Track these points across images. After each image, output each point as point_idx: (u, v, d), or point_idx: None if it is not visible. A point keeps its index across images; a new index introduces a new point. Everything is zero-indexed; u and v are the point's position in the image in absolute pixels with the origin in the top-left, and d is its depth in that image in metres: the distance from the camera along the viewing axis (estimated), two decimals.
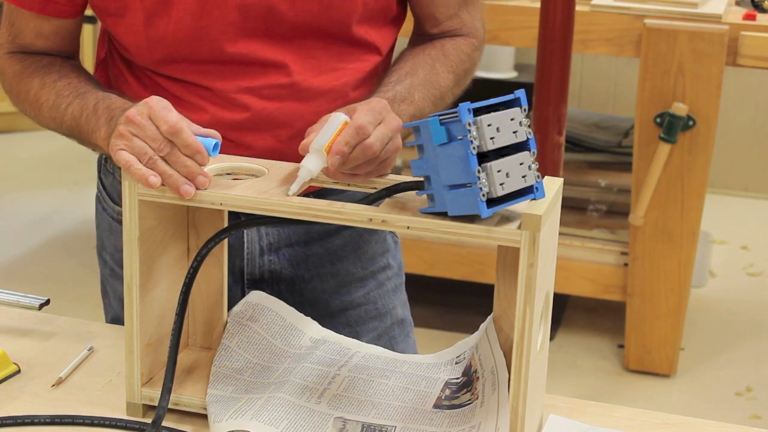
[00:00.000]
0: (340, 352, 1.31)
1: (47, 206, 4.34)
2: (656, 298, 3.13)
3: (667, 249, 3.06)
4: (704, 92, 2.89)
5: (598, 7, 2.94)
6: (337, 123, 1.18)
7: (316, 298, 1.51)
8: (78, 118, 1.35)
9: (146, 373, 1.25)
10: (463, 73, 1.48)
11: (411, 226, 1.11)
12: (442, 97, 1.43)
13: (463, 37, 1.49)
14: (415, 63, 1.43)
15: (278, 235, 1.48)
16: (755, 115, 4.56)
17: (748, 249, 4.11)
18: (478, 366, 1.21)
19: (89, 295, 3.61)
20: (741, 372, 3.25)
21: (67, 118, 1.37)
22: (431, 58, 1.44)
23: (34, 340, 1.40)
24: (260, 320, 1.31)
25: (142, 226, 1.19)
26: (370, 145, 1.17)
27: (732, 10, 2.98)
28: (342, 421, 1.19)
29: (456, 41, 1.48)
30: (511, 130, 1.08)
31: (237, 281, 1.49)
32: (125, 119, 1.19)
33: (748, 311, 3.63)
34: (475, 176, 1.05)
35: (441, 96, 1.43)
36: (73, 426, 1.21)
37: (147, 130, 1.17)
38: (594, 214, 3.43)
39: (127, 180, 1.17)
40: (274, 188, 1.17)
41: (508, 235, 1.08)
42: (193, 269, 1.22)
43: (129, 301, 1.21)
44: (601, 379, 3.18)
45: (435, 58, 1.44)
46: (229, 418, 1.17)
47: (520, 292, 1.09)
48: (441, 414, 1.20)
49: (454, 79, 1.45)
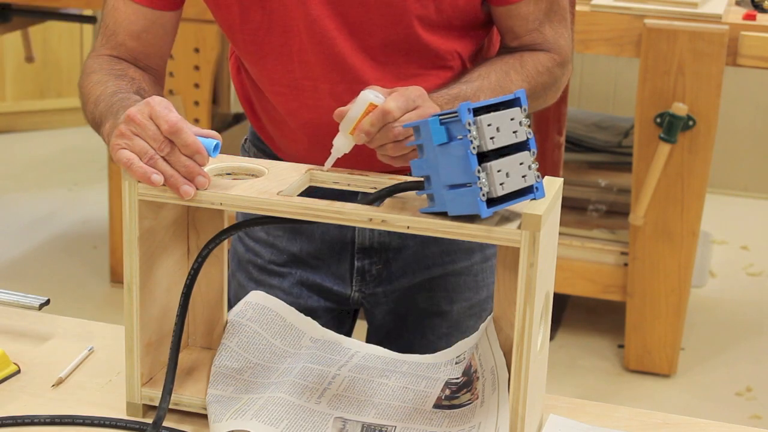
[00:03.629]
0: (340, 352, 1.31)
1: (47, 206, 4.33)
2: (656, 298, 3.13)
3: (667, 249, 3.06)
4: (704, 92, 2.89)
5: (598, 7, 2.93)
6: (362, 104, 1.23)
7: (420, 264, 1.56)
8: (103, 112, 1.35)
9: (146, 373, 1.24)
10: (541, 86, 1.46)
11: (411, 226, 1.11)
12: None
13: (544, 52, 1.47)
14: (489, 68, 1.42)
15: None
16: (755, 115, 4.56)
17: (748, 249, 4.11)
18: (478, 366, 1.21)
19: (89, 295, 3.61)
20: (741, 372, 3.25)
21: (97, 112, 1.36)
22: (507, 65, 1.43)
23: (34, 340, 1.40)
24: (260, 320, 1.31)
25: (142, 226, 1.19)
26: (392, 128, 1.22)
27: (732, 10, 2.98)
28: (342, 421, 1.19)
29: (536, 54, 1.47)
30: (511, 130, 1.08)
31: (347, 249, 1.55)
32: (126, 118, 1.19)
33: (748, 311, 3.63)
34: (475, 176, 1.05)
35: None
36: (73, 426, 1.21)
37: (148, 130, 1.18)
38: (594, 214, 3.43)
39: (127, 180, 1.17)
40: (274, 188, 1.17)
41: (508, 235, 1.08)
42: (194, 270, 1.22)
43: (129, 301, 1.21)
44: (601, 379, 3.18)
45: (510, 66, 1.43)
46: (229, 418, 1.17)
47: (520, 292, 1.09)
48: (441, 414, 1.20)
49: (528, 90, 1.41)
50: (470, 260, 1.59)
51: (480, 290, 1.61)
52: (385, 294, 1.58)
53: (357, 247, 1.55)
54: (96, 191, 4.43)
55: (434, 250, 1.57)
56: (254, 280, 1.60)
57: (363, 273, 1.57)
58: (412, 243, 1.55)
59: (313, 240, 1.56)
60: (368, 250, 1.55)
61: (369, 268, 1.57)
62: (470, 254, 1.58)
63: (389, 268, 1.57)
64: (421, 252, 1.56)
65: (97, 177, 4.58)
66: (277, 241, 1.58)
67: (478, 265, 1.59)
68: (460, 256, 1.58)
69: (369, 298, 1.59)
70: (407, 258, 1.56)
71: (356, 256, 1.56)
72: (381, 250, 1.56)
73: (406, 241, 1.55)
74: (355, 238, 1.55)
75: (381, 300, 1.59)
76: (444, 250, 1.57)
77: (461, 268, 1.58)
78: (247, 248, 1.61)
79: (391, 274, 1.57)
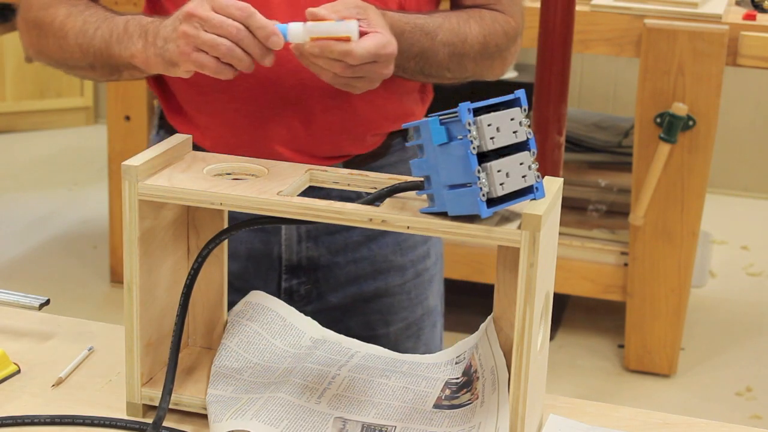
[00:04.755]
0: (340, 352, 1.31)
1: (47, 206, 4.34)
2: (656, 298, 3.13)
3: (667, 249, 3.06)
4: (704, 92, 2.90)
5: (598, 7, 2.94)
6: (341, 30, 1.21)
7: (351, 282, 1.51)
8: (108, 40, 1.33)
9: (146, 373, 1.24)
10: (495, 46, 1.44)
11: (411, 226, 1.11)
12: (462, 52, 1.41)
13: (500, 13, 1.45)
14: (448, 12, 1.41)
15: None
16: (755, 115, 4.56)
17: (748, 249, 4.11)
18: (478, 366, 1.21)
19: (89, 295, 3.61)
20: (741, 372, 3.25)
21: (96, 42, 1.35)
22: (466, 14, 1.42)
23: (34, 340, 1.40)
24: (260, 320, 1.31)
25: (142, 226, 1.19)
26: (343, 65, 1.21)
27: (732, 10, 2.98)
28: (342, 421, 1.19)
29: (494, 13, 1.45)
30: (511, 130, 1.08)
31: (275, 267, 1.49)
32: (185, 16, 1.17)
33: (748, 311, 3.63)
34: (475, 176, 1.05)
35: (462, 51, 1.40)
36: (73, 426, 1.21)
37: (214, 20, 1.16)
38: (594, 214, 3.43)
39: (127, 180, 1.17)
40: (274, 188, 1.17)
41: (508, 235, 1.08)
42: (194, 270, 1.22)
43: (129, 301, 1.21)
44: (601, 379, 3.18)
45: (470, 15, 1.42)
46: (229, 418, 1.17)
47: (520, 292, 1.09)
48: (441, 414, 1.20)
49: (482, 42, 1.42)
50: (403, 277, 1.54)
51: (415, 308, 1.55)
52: (315, 314, 1.49)
53: (284, 266, 1.50)
54: (96, 191, 4.43)
55: (366, 268, 1.52)
56: None
57: (291, 293, 1.52)
58: (342, 261, 1.51)
59: (239, 258, 1.51)
60: (296, 268, 1.50)
61: (297, 288, 1.52)
62: (403, 271, 1.53)
63: (318, 287, 1.51)
64: (352, 270, 1.51)
65: (97, 177, 4.58)
66: None
67: (410, 282, 1.54)
68: (393, 275, 1.53)
69: None
70: (337, 276, 1.51)
71: (283, 276, 1.51)
72: (309, 268, 1.50)
73: (336, 258, 1.50)
74: (281, 253, 1.50)
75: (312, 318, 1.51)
76: (376, 269, 1.52)
77: (394, 287, 1.53)
78: None
79: (321, 293, 1.52)
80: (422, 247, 1.55)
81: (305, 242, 1.49)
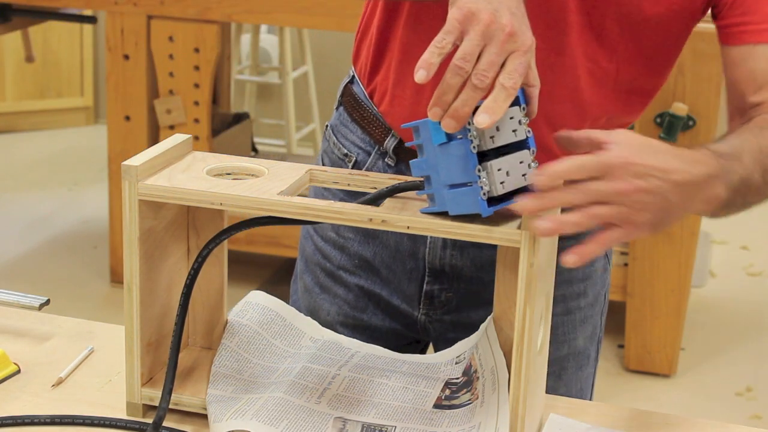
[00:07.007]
0: (340, 352, 1.31)
1: (47, 206, 4.34)
2: (656, 298, 3.13)
3: (667, 249, 3.06)
4: (704, 92, 2.90)
5: None
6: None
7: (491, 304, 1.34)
8: None
9: (146, 373, 1.24)
10: None
11: (411, 226, 1.11)
12: None
13: None
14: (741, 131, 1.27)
15: None
16: None
17: (748, 249, 4.11)
18: (478, 366, 1.21)
19: (89, 295, 3.61)
20: (741, 372, 3.25)
21: None
22: (758, 127, 1.26)
23: (34, 340, 1.40)
24: (260, 320, 1.31)
25: (142, 226, 1.19)
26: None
27: None
28: (342, 421, 1.19)
29: None
30: (511, 129, 1.08)
31: (419, 267, 1.46)
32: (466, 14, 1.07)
33: (748, 311, 3.63)
34: (475, 175, 1.05)
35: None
36: (73, 426, 1.21)
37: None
38: None
39: (127, 180, 1.17)
40: (274, 188, 1.17)
41: (508, 235, 1.08)
42: (194, 270, 1.22)
43: (129, 301, 1.21)
44: (601, 379, 3.18)
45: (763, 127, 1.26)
46: (229, 418, 1.17)
47: (520, 292, 1.09)
48: (441, 414, 1.20)
49: None
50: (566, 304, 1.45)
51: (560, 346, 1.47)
52: (453, 324, 1.47)
53: (428, 268, 1.46)
54: (96, 191, 4.43)
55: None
56: (320, 285, 1.53)
57: (432, 297, 1.47)
58: (486, 278, 1.41)
59: (388, 247, 1.47)
60: (439, 273, 1.45)
61: (438, 293, 1.47)
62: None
63: (459, 298, 1.46)
64: None
65: (97, 177, 4.58)
66: (347, 243, 1.49)
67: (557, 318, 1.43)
68: None
69: (436, 324, 1.48)
70: (480, 293, 1.44)
71: (426, 278, 1.46)
72: (452, 276, 1.45)
73: (480, 273, 1.44)
74: (426, 255, 1.45)
75: (448, 328, 1.48)
76: None
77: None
78: (316, 249, 1.53)
79: (460, 305, 1.47)
80: (579, 284, 1.48)
81: (450, 249, 1.44)
